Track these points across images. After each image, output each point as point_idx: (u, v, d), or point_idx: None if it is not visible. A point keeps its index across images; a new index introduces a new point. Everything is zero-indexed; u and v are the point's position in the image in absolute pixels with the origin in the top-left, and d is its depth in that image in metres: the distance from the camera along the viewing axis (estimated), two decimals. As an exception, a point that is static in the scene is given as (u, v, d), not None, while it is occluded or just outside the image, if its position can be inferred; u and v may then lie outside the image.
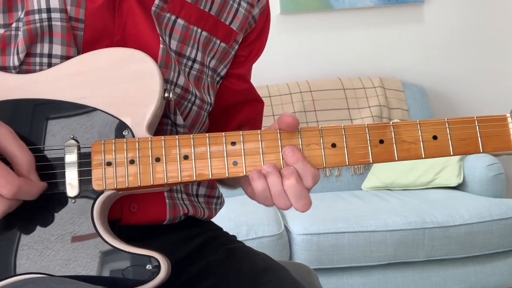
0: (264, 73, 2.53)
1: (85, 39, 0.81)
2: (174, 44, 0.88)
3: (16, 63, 0.78)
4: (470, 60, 3.53)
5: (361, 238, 2.29)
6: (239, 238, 1.05)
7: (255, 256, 0.95)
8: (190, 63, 0.91)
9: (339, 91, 3.18)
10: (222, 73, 0.99)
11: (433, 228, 2.32)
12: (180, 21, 0.89)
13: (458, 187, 2.85)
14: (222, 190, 1.06)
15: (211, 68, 0.95)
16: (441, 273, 2.40)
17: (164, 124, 0.87)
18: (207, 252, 0.94)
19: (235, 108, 1.04)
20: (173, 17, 0.88)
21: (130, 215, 0.86)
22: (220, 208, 1.04)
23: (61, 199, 0.75)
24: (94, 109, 0.78)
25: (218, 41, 0.94)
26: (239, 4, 0.96)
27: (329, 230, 2.28)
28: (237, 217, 2.26)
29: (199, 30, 0.91)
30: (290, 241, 2.33)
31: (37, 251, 0.74)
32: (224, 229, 1.06)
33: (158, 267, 0.73)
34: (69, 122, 0.77)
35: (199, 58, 0.91)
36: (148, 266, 0.73)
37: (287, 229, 2.36)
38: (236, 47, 0.98)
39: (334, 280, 2.35)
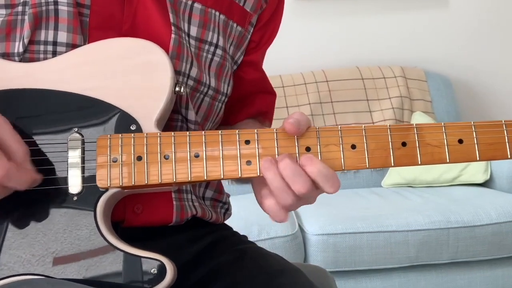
0: (277, 62, 2.54)
1: (91, 26, 0.82)
2: (194, 30, 0.89)
3: (21, 49, 0.79)
4: (498, 48, 3.50)
5: (381, 239, 2.29)
6: (250, 239, 1.05)
7: (268, 257, 0.96)
8: (212, 48, 0.91)
9: (358, 81, 3.17)
10: (239, 61, 0.99)
11: (458, 228, 2.31)
12: (197, 5, 0.89)
13: (485, 184, 2.84)
14: (232, 188, 1.07)
15: (230, 55, 0.95)
16: (466, 276, 2.40)
17: (174, 120, 0.88)
18: (217, 253, 0.94)
19: (245, 100, 1.04)
20: (189, 2, 0.89)
21: (134, 217, 0.86)
22: (227, 215, 1.05)
23: (62, 196, 0.75)
24: (101, 102, 0.78)
25: (234, 25, 0.95)
26: None
27: (347, 230, 2.28)
28: (248, 216, 2.26)
29: (217, 13, 0.92)
30: (305, 241, 2.33)
31: (34, 257, 0.74)
32: (234, 229, 1.06)
33: (163, 271, 0.74)
34: (73, 114, 0.78)
35: (221, 43, 0.92)
36: (153, 270, 0.74)
37: (301, 229, 2.36)
38: (252, 30, 0.99)
39: (352, 283, 2.36)
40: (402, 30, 3.46)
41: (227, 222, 1.06)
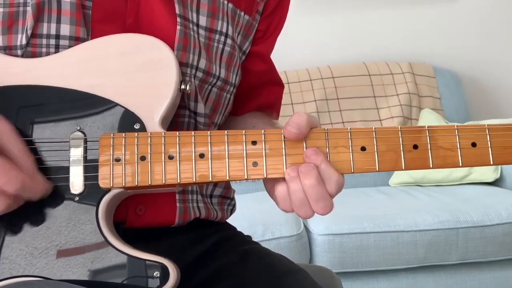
0: (282, 58, 2.51)
1: (93, 19, 0.82)
2: (203, 20, 0.89)
3: (24, 41, 0.79)
4: (508, 43, 3.49)
5: (388, 239, 2.29)
6: (255, 239, 1.06)
7: (272, 258, 0.96)
8: (222, 38, 0.91)
9: (364, 77, 3.17)
10: (247, 51, 0.99)
11: (467, 228, 2.30)
12: None
13: (495, 183, 2.83)
14: (236, 186, 1.07)
15: (238, 45, 0.96)
16: (476, 277, 2.39)
17: (180, 116, 0.88)
18: (220, 254, 0.95)
19: (252, 91, 1.04)
20: None
21: (136, 218, 0.86)
22: (233, 211, 1.05)
23: (63, 196, 0.76)
24: (104, 99, 0.78)
25: (242, 13, 0.95)
26: None
27: (353, 230, 2.28)
28: (252, 216, 2.26)
29: (225, 2, 0.92)
30: (311, 242, 2.33)
31: (36, 250, 0.75)
32: (238, 229, 1.07)
33: (166, 275, 0.74)
34: (76, 112, 0.78)
35: (230, 32, 0.92)
36: (156, 273, 0.74)
37: (307, 229, 2.36)
38: (259, 18, 0.99)
39: (358, 285, 2.36)
40: (410, 25, 3.45)
41: (231, 222, 1.07)
